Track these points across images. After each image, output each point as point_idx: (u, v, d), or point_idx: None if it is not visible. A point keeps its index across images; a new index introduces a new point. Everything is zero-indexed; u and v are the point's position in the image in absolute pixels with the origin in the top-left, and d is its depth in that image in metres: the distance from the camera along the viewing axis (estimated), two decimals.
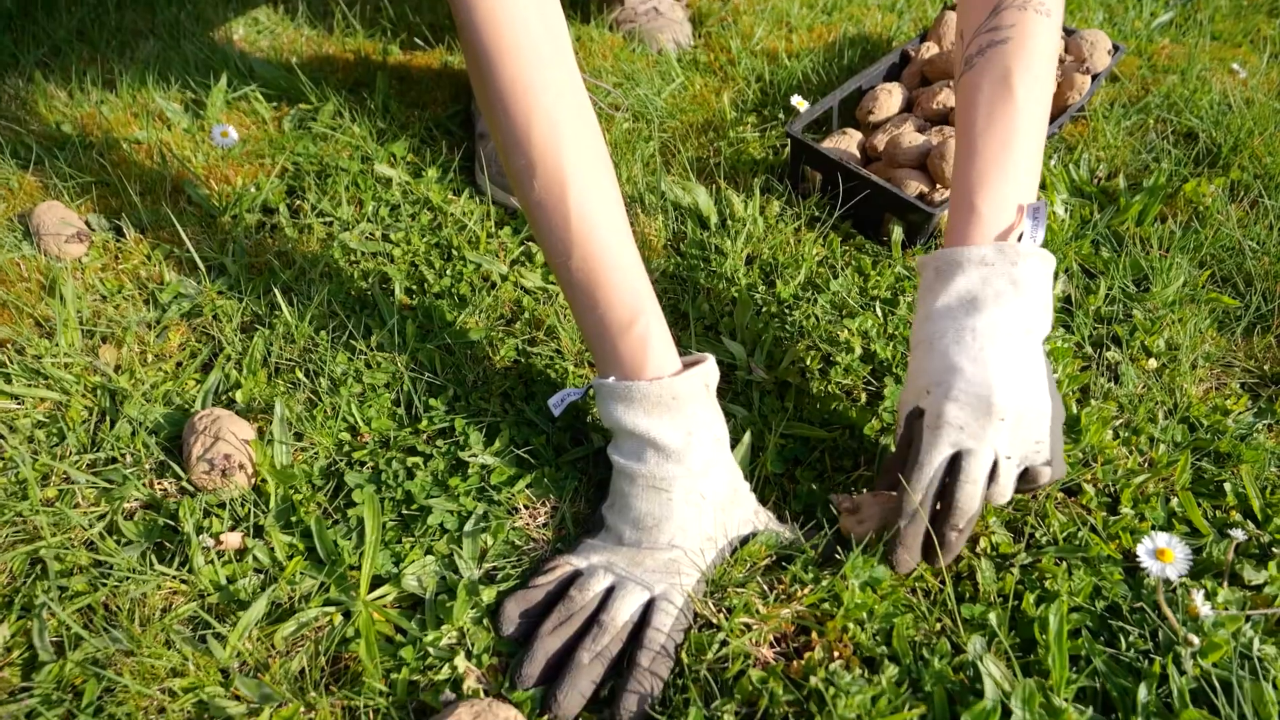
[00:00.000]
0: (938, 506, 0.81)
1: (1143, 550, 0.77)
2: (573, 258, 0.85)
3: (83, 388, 1.01)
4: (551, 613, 0.81)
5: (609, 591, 0.82)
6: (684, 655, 0.77)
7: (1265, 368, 1.06)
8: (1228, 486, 0.92)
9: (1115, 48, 1.40)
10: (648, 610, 0.81)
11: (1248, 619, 0.80)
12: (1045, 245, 1.17)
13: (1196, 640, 0.76)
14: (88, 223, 1.23)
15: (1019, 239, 0.87)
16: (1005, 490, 0.81)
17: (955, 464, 0.80)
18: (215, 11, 1.76)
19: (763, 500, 0.92)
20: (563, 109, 0.83)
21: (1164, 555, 0.76)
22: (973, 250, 0.85)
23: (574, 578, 0.84)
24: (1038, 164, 0.89)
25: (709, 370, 0.88)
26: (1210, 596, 0.81)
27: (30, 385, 1.01)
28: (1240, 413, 1.00)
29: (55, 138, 1.38)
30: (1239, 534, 0.83)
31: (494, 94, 0.83)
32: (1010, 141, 0.87)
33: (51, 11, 1.78)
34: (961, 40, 0.94)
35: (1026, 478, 0.83)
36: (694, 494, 0.85)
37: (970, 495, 0.79)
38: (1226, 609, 0.81)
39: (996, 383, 0.80)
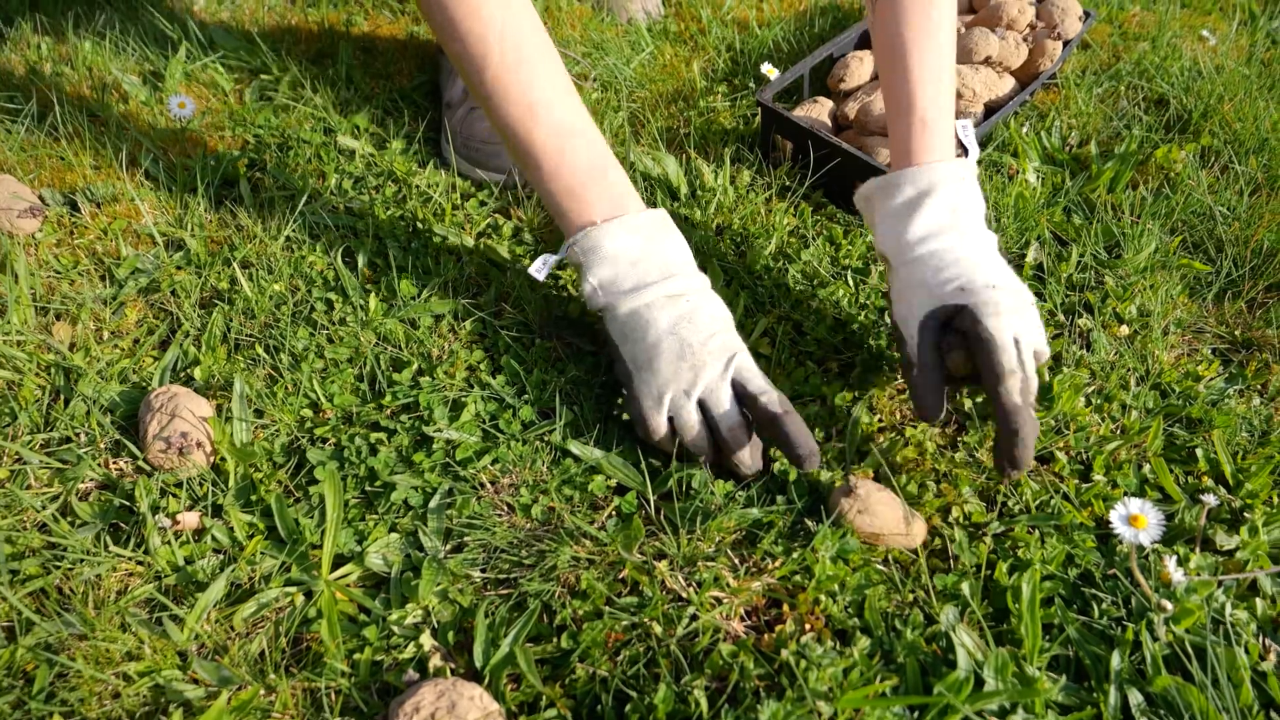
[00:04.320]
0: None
1: (1115, 517, 0.76)
2: (539, 122, 0.92)
3: (36, 366, 0.98)
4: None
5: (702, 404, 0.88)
6: (655, 628, 0.76)
7: (1236, 333, 1.06)
8: (1199, 452, 0.92)
9: (1086, 14, 1.39)
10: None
11: (1220, 584, 0.79)
12: (1015, 206, 1.17)
13: (1169, 606, 0.75)
14: (41, 197, 1.20)
15: (965, 153, 0.98)
16: (1034, 374, 0.86)
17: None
18: None
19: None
20: None
21: (1137, 521, 0.75)
22: (949, 168, 0.93)
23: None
24: (955, 78, 1.00)
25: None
26: (1183, 562, 0.81)
27: None
28: (1211, 378, 1.00)
29: (8, 110, 1.34)
30: (1211, 499, 0.82)
31: None
32: (942, 58, 0.95)
33: None
34: None
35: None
36: (710, 295, 0.93)
37: (1031, 376, 0.85)
38: (1199, 574, 0.80)
39: (1014, 277, 0.89)
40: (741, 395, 0.87)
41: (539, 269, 0.95)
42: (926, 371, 0.86)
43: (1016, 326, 0.84)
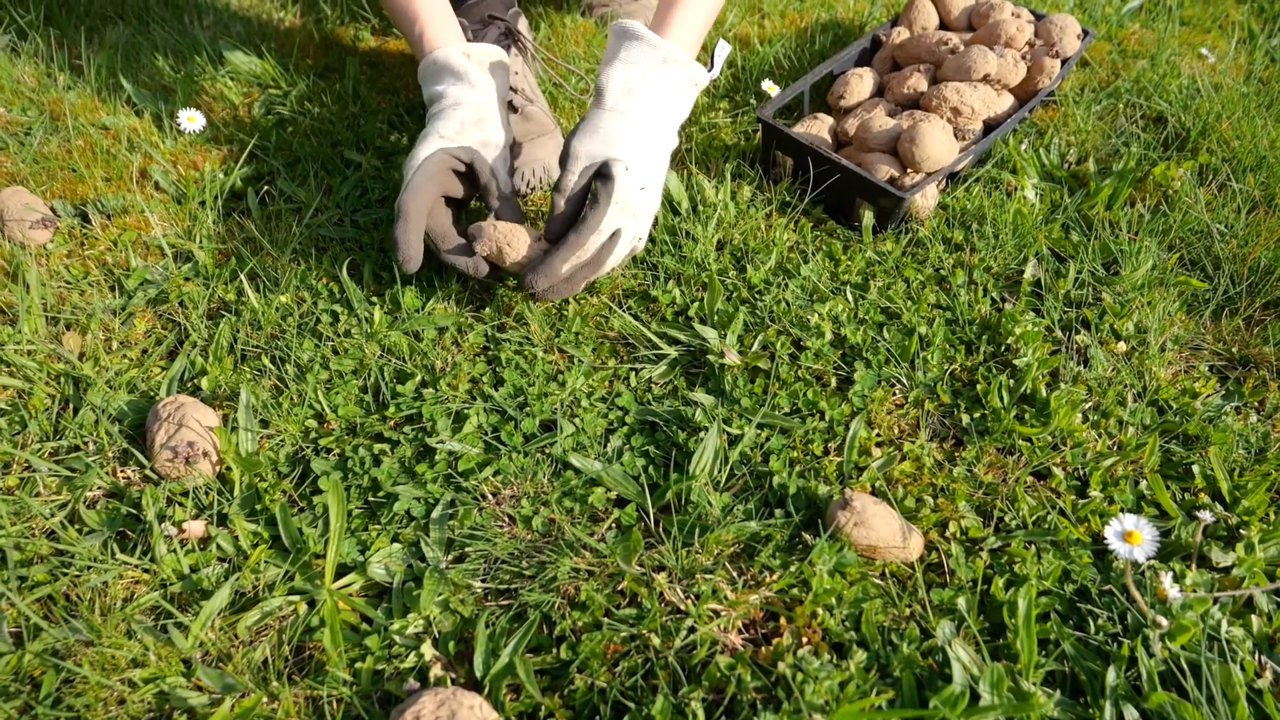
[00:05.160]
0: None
1: (1110, 533, 0.77)
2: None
3: (46, 375, 0.99)
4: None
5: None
6: (653, 640, 0.77)
7: (1233, 350, 1.06)
8: (1196, 469, 0.93)
9: (1085, 32, 1.40)
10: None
11: (1216, 601, 0.80)
12: (1013, 223, 1.17)
13: (1165, 623, 0.76)
14: (53, 208, 1.21)
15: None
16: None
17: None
18: None
19: (732, 487, 0.92)
20: None
21: (1132, 537, 0.76)
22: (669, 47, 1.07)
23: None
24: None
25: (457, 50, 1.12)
26: (1179, 579, 0.82)
27: None
28: (1208, 395, 1.00)
29: (21, 123, 1.36)
30: (1207, 516, 0.83)
31: None
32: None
33: None
34: None
35: None
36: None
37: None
38: (1195, 591, 0.81)
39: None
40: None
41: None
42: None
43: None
